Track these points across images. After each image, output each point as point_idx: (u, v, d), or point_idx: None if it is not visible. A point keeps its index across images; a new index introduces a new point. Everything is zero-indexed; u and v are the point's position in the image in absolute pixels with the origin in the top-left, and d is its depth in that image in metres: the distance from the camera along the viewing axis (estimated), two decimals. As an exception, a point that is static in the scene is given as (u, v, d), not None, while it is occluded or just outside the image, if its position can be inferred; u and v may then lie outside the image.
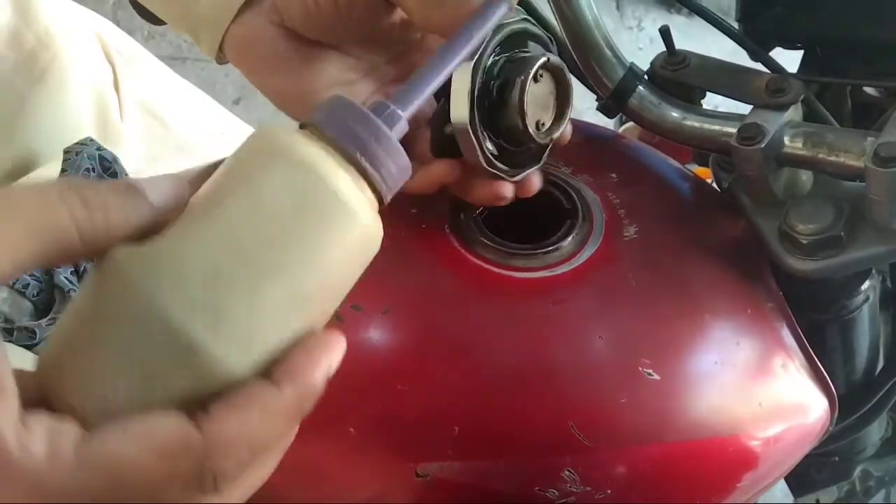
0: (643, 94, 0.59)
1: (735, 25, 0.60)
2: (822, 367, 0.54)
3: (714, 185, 0.64)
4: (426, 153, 0.49)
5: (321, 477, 0.49)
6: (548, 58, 0.48)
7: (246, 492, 0.34)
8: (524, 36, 0.50)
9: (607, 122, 0.82)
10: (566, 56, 0.57)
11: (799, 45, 0.62)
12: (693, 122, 0.58)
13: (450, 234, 0.53)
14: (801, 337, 0.54)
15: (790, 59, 0.61)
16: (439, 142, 0.49)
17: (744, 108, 0.55)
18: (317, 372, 0.33)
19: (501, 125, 0.49)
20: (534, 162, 0.52)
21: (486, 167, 0.49)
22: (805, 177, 0.56)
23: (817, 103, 0.58)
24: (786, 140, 0.53)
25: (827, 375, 0.54)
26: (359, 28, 0.50)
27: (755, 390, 0.51)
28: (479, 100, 0.47)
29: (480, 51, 0.46)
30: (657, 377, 0.48)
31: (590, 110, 0.62)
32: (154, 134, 0.78)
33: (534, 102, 0.48)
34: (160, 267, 0.32)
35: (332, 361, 0.34)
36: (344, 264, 0.34)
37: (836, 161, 0.51)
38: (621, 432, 0.48)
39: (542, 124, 0.49)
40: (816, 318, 0.59)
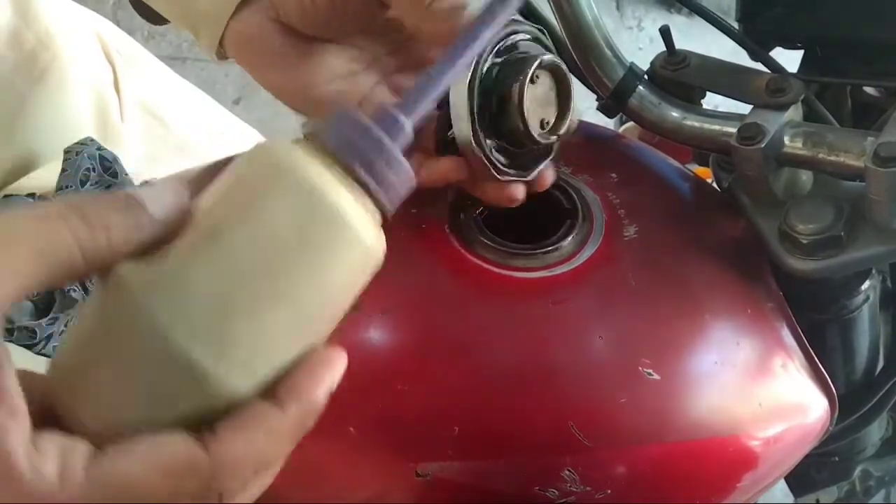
0: (643, 94, 0.59)
1: (735, 25, 0.60)
2: (822, 367, 0.54)
3: (714, 185, 0.64)
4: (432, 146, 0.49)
5: (321, 477, 0.49)
6: (541, 59, 0.47)
7: (247, 501, 0.34)
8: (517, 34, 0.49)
9: (607, 122, 0.82)
10: (566, 55, 0.57)
11: (799, 44, 0.62)
12: (693, 122, 0.58)
13: (450, 234, 0.53)
14: (801, 337, 0.54)
15: (790, 59, 0.61)
16: (443, 143, 0.49)
17: (744, 108, 0.55)
18: (319, 389, 0.34)
19: (504, 129, 0.48)
20: (544, 156, 0.51)
21: (497, 177, 0.49)
22: (805, 177, 0.56)
23: (817, 103, 0.58)
24: (786, 140, 0.53)
25: (827, 375, 0.54)
26: (355, 22, 0.50)
27: (755, 390, 0.51)
28: (480, 109, 0.47)
29: (476, 58, 0.45)
30: (657, 377, 0.48)
31: (590, 110, 0.62)
32: (154, 134, 0.78)
33: (534, 103, 0.48)
34: (164, 292, 0.32)
35: (333, 378, 0.35)
36: (346, 283, 0.35)
37: (836, 161, 0.51)
38: (621, 432, 0.48)
39: (547, 123, 0.49)
40: (816, 318, 0.59)
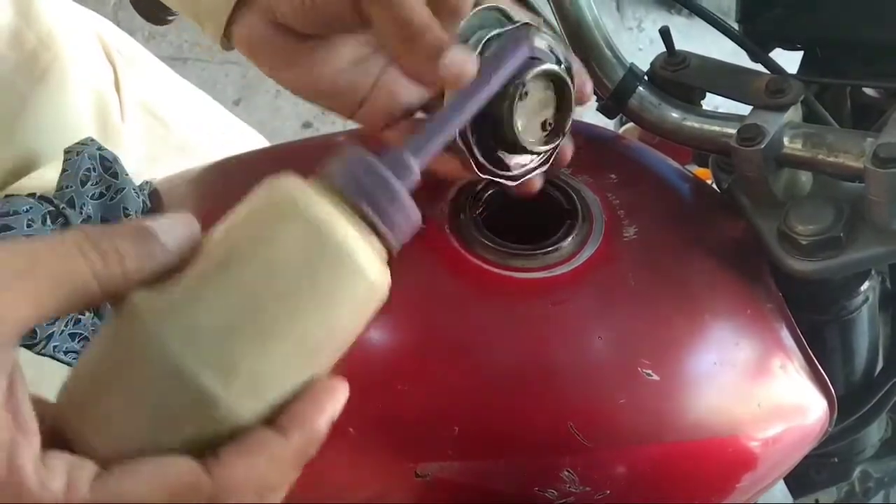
0: (643, 95, 0.59)
1: (735, 26, 0.60)
2: (821, 368, 0.54)
3: (714, 186, 0.64)
4: None
5: (321, 477, 0.49)
6: (531, 73, 0.46)
7: None
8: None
9: (607, 123, 0.82)
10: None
11: (798, 46, 0.62)
12: (693, 123, 0.58)
13: (449, 235, 0.53)
14: (800, 338, 0.54)
15: (790, 60, 0.61)
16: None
17: (743, 109, 0.55)
18: (321, 418, 0.35)
19: (498, 138, 0.48)
20: (541, 162, 0.51)
21: (481, 175, 0.49)
22: (805, 178, 0.56)
23: (817, 104, 0.58)
24: (785, 141, 0.53)
25: (826, 376, 0.54)
26: (352, 18, 0.50)
27: (754, 391, 0.51)
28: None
29: (487, 38, 0.45)
30: (656, 377, 0.48)
31: (590, 111, 0.62)
32: (155, 134, 0.78)
33: (529, 112, 0.48)
34: (175, 318, 0.33)
35: (335, 407, 0.35)
36: (351, 317, 0.36)
37: (836, 162, 0.51)
38: (620, 433, 0.48)
39: (549, 124, 0.49)
40: (816, 319, 0.59)
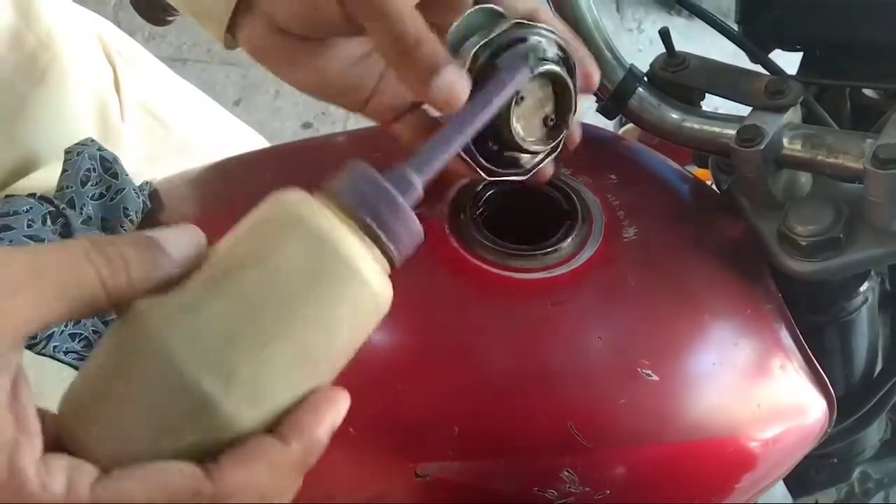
0: (643, 96, 0.59)
1: (735, 27, 0.60)
2: (820, 369, 0.54)
3: (713, 187, 0.64)
4: None
5: (321, 477, 0.49)
6: (528, 76, 0.46)
7: None
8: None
9: (607, 124, 0.82)
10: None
11: (798, 47, 0.62)
12: (692, 124, 0.58)
13: (449, 235, 0.53)
14: (799, 338, 0.54)
15: (789, 61, 0.61)
16: None
17: (743, 110, 0.55)
18: (322, 428, 0.35)
19: (500, 141, 0.48)
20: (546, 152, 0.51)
21: (489, 178, 0.49)
22: (804, 178, 0.56)
23: (816, 105, 0.58)
24: (785, 142, 0.53)
25: (826, 377, 0.54)
26: (347, 28, 0.50)
27: (754, 391, 0.51)
28: None
29: (476, 50, 0.45)
30: (656, 378, 0.48)
31: (589, 111, 0.62)
32: (154, 135, 0.78)
33: (528, 112, 0.48)
34: (178, 324, 0.33)
35: (336, 417, 0.35)
36: (353, 328, 0.36)
37: (835, 163, 0.51)
38: (620, 433, 0.48)
39: (551, 119, 0.49)
40: (815, 320, 0.59)
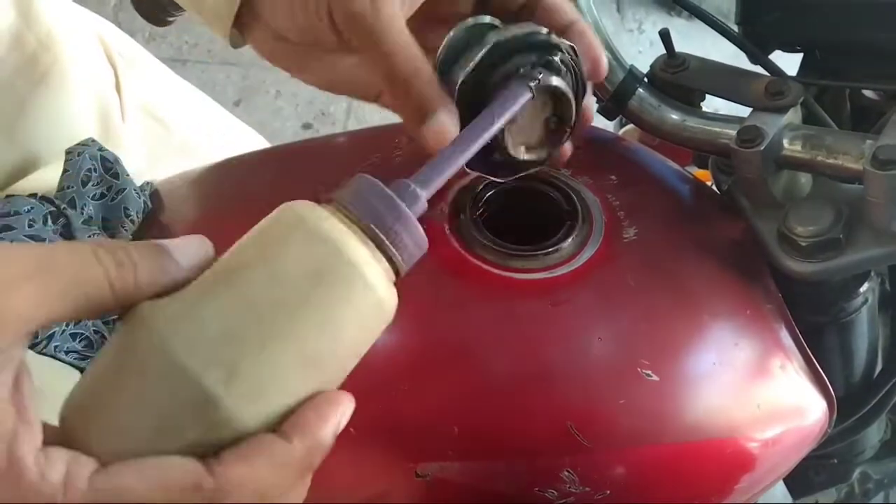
0: (643, 97, 0.59)
1: (735, 28, 0.61)
2: (820, 370, 0.54)
3: (713, 188, 0.64)
4: None
5: (321, 477, 0.49)
6: (529, 96, 0.45)
7: None
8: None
9: (607, 125, 0.83)
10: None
11: (798, 48, 0.62)
12: (692, 125, 0.58)
13: (450, 236, 0.53)
14: (799, 339, 0.54)
15: (790, 62, 0.61)
16: None
17: (743, 111, 0.55)
18: (326, 427, 0.35)
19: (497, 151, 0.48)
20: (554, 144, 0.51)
21: (503, 180, 0.50)
22: (804, 179, 0.56)
23: (816, 106, 0.58)
24: (785, 142, 0.53)
25: (826, 377, 0.54)
26: (342, 47, 0.50)
27: (754, 392, 0.51)
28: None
29: (466, 76, 0.45)
30: (656, 378, 0.48)
31: (590, 112, 0.62)
32: (155, 135, 0.78)
33: (527, 123, 0.48)
34: (181, 321, 0.33)
35: (341, 418, 0.35)
36: (357, 331, 0.36)
37: (835, 164, 0.51)
38: (620, 433, 0.48)
39: (552, 122, 0.49)
40: (815, 321, 0.59)
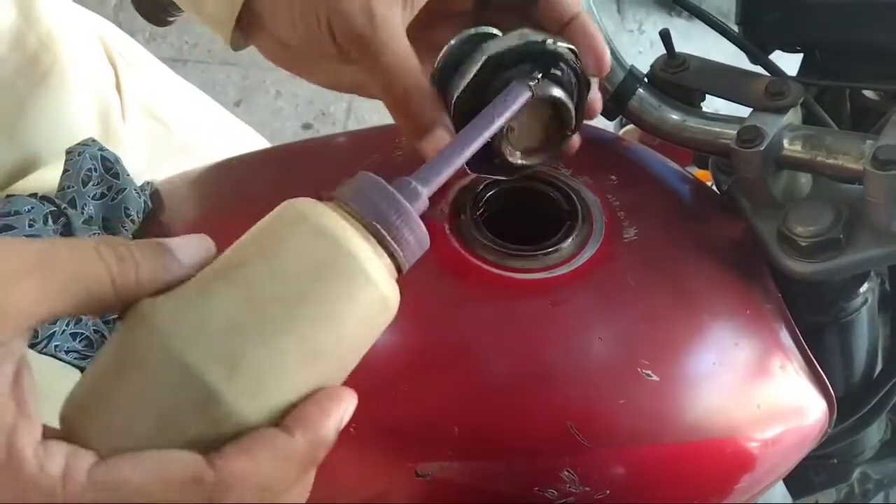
0: (643, 97, 0.59)
1: (735, 29, 0.61)
2: (820, 370, 0.54)
3: (714, 188, 0.64)
4: None
5: (321, 477, 0.49)
6: (528, 98, 0.46)
7: None
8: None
9: (607, 125, 0.83)
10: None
11: (798, 48, 0.62)
12: (693, 125, 0.58)
13: (450, 235, 0.53)
14: (799, 339, 0.54)
15: (790, 62, 0.61)
16: None
17: (744, 111, 0.55)
18: (328, 422, 0.34)
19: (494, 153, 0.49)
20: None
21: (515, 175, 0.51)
22: (804, 179, 0.56)
23: (816, 106, 0.58)
24: (785, 143, 0.53)
25: (825, 377, 0.54)
26: (341, 59, 0.50)
27: (754, 392, 0.51)
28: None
29: (461, 92, 0.46)
30: (656, 378, 0.48)
31: (590, 113, 0.62)
32: (155, 135, 0.78)
33: (523, 135, 0.49)
34: (181, 316, 0.33)
35: (343, 414, 0.35)
36: (359, 327, 0.36)
37: (835, 164, 0.51)
38: (620, 433, 0.48)
39: (554, 124, 0.49)
40: (815, 321, 0.59)
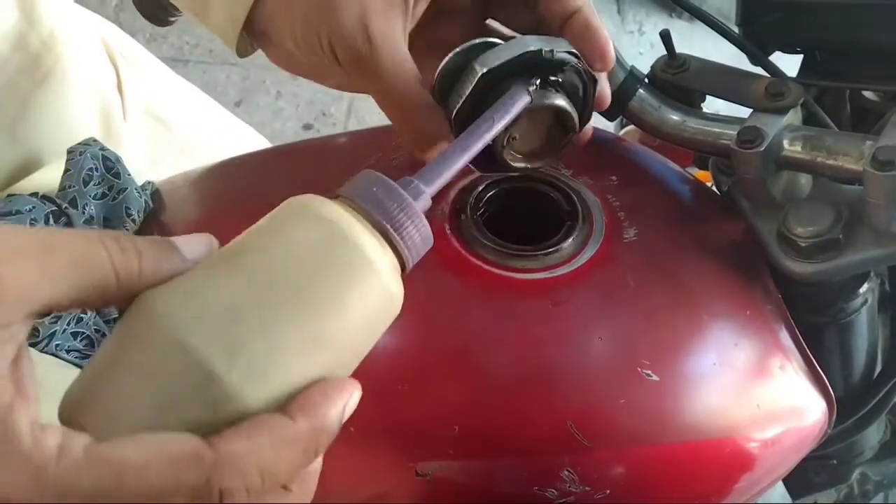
0: (643, 98, 0.59)
1: (735, 30, 0.61)
2: (820, 370, 0.54)
3: (714, 189, 0.64)
4: None
5: (321, 477, 0.49)
6: (526, 100, 0.46)
7: None
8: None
9: (608, 125, 0.82)
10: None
11: (798, 49, 0.62)
12: (693, 125, 0.58)
13: (450, 235, 0.53)
14: (799, 339, 0.54)
15: (790, 63, 0.61)
16: None
17: (744, 112, 0.55)
18: (331, 409, 0.34)
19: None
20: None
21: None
22: (804, 180, 0.56)
23: (816, 107, 0.58)
24: (785, 143, 0.53)
25: (825, 378, 0.54)
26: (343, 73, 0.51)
27: (753, 392, 0.51)
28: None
29: (460, 106, 0.46)
30: (656, 378, 0.48)
31: (590, 113, 0.62)
32: (156, 135, 0.78)
33: (525, 138, 0.49)
34: (183, 299, 0.33)
35: (347, 403, 0.35)
36: (362, 318, 0.36)
37: (835, 164, 0.51)
38: (620, 433, 0.48)
39: (554, 128, 0.50)
40: (815, 321, 0.60)
